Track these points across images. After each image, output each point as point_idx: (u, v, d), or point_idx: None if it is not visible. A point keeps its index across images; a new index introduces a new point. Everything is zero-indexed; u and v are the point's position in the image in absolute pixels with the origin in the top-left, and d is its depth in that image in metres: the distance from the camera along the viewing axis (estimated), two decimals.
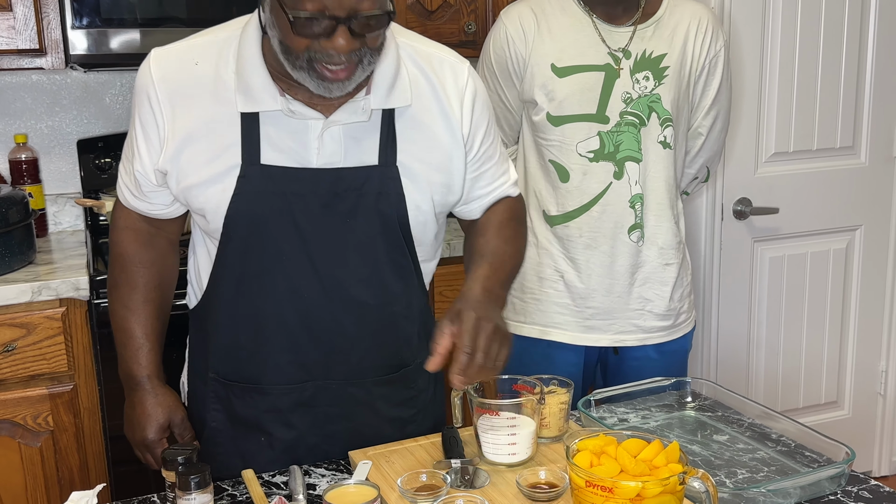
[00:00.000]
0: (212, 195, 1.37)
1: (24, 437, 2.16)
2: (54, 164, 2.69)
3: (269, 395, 1.46)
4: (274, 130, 1.36)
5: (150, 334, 1.51)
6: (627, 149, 1.91)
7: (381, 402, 1.51)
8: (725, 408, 1.60)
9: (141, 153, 1.41)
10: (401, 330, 1.49)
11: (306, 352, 1.44)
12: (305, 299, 1.41)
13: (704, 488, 1.13)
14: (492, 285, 1.39)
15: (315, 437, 1.49)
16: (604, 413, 1.58)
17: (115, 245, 1.54)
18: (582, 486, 1.15)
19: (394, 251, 1.43)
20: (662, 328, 2.01)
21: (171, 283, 1.58)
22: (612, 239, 1.94)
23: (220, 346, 1.47)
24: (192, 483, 1.19)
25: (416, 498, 1.27)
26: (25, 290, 2.11)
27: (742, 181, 2.82)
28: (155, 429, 1.49)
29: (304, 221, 1.38)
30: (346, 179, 1.38)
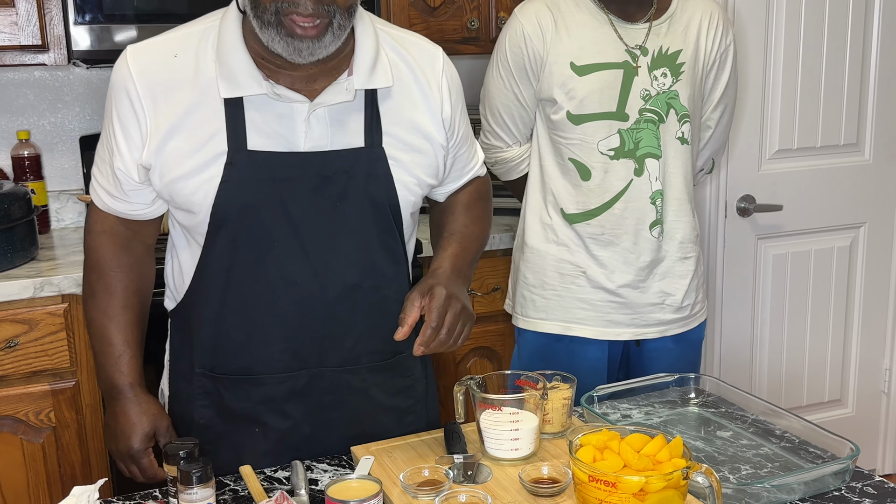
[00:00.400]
0: (198, 185, 1.35)
1: (27, 434, 2.16)
2: (57, 161, 2.69)
3: (263, 386, 1.45)
4: (259, 116, 1.35)
5: (130, 341, 1.47)
6: (647, 145, 1.92)
7: (375, 390, 1.50)
8: (729, 404, 1.59)
9: (121, 150, 1.38)
10: (393, 314, 1.45)
11: (299, 339, 1.43)
12: (298, 286, 1.40)
13: (708, 483, 1.12)
14: (461, 264, 1.48)
15: (310, 426, 1.48)
16: (607, 409, 1.58)
17: (90, 251, 1.49)
18: (585, 481, 1.14)
19: (384, 234, 1.44)
20: (681, 319, 2.03)
21: (148, 289, 1.54)
22: (635, 235, 1.95)
23: (206, 341, 1.45)
24: (194, 477, 1.19)
25: (419, 493, 1.27)
26: (27, 285, 2.11)
27: (746, 178, 2.82)
28: (140, 438, 1.45)
29: (295, 206, 1.37)
30: (334, 162, 1.38)
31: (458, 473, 1.32)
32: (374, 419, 1.50)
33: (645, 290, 1.98)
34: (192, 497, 1.19)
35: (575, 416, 1.53)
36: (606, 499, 1.12)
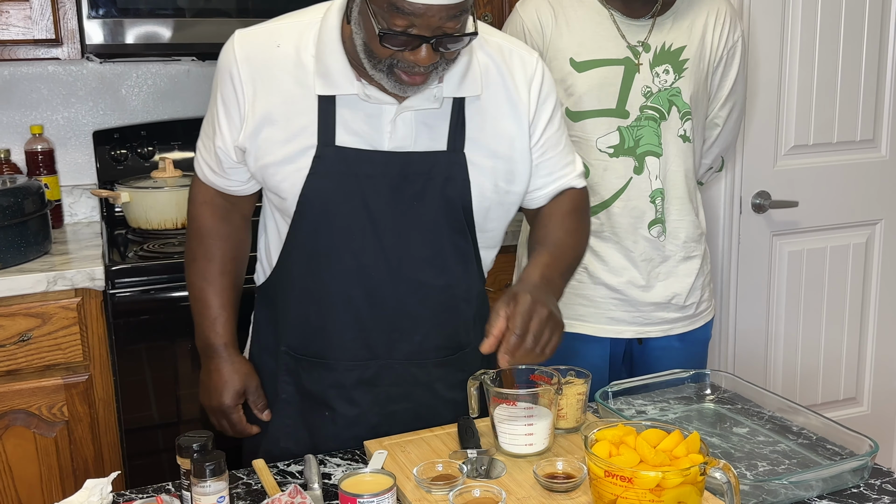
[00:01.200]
0: (287, 174, 1.42)
1: (39, 428, 2.17)
2: (70, 156, 2.69)
3: (334, 371, 1.50)
4: (349, 113, 1.40)
5: (226, 305, 1.57)
6: (648, 143, 1.90)
7: (439, 384, 1.53)
8: (745, 400, 1.58)
9: (223, 130, 1.46)
10: (460, 312, 1.53)
11: (370, 330, 1.47)
12: (372, 278, 1.45)
13: (726, 479, 1.11)
14: (551, 273, 1.42)
15: (377, 417, 1.51)
16: (621, 405, 1.57)
17: (192, 220, 1.60)
18: (600, 476, 1.13)
19: (456, 235, 1.47)
20: (686, 317, 2.00)
21: (244, 258, 1.63)
22: (633, 234, 1.92)
23: (290, 321, 1.52)
24: (208, 470, 1.19)
25: (432, 487, 1.26)
26: (41, 279, 2.11)
27: (761, 174, 2.79)
28: (231, 395, 1.55)
29: (374, 202, 1.42)
30: (415, 163, 1.42)
31: (471, 468, 1.32)
32: (435, 412, 1.53)
33: (647, 289, 1.95)
34: (205, 490, 1.19)
35: (589, 412, 1.51)
36: (622, 494, 1.11)
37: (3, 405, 2.13)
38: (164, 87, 2.75)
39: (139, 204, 2.44)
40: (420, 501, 1.24)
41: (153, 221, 2.44)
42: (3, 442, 2.14)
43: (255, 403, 1.58)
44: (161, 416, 2.25)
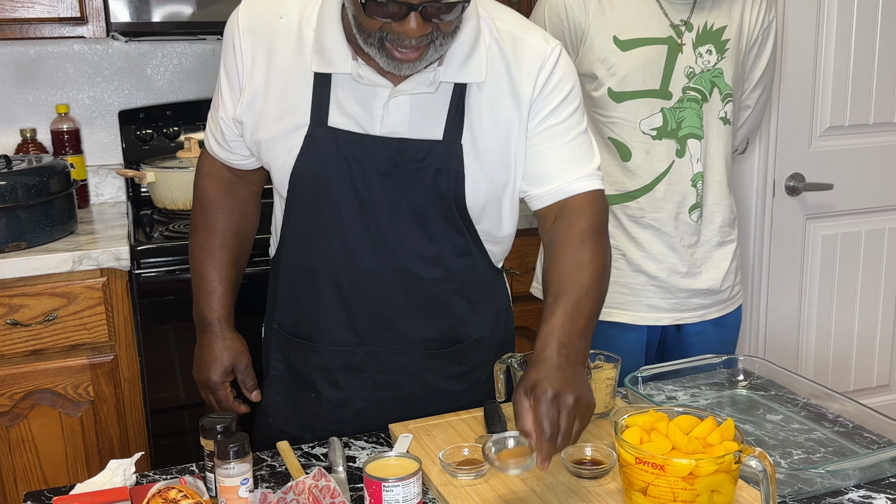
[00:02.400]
0: (279, 152, 1.39)
1: (65, 407, 2.17)
2: (96, 135, 2.68)
3: (319, 354, 1.47)
4: (343, 94, 1.36)
5: (223, 279, 1.55)
6: (689, 125, 1.85)
7: (430, 375, 1.49)
8: (779, 387, 1.54)
9: (224, 101, 1.44)
10: (454, 306, 1.46)
11: (357, 317, 1.44)
12: (358, 265, 1.41)
13: (762, 468, 1.07)
14: (569, 338, 1.24)
15: (363, 402, 1.48)
16: (651, 390, 1.53)
17: (197, 190, 1.58)
18: (631, 464, 1.10)
19: (450, 228, 1.41)
20: (720, 302, 1.97)
21: (249, 233, 1.60)
22: (675, 219, 1.88)
23: (282, 299, 1.50)
24: (231, 452, 1.17)
25: (458, 472, 1.24)
26: (66, 259, 2.11)
27: (795, 156, 2.74)
28: (219, 371, 1.54)
29: (363, 187, 1.37)
30: (407, 150, 1.36)
31: None
32: (426, 402, 1.49)
33: (687, 275, 1.92)
34: (228, 472, 1.17)
35: (618, 398, 1.48)
36: (654, 482, 1.08)
37: (29, 384, 2.13)
38: (190, 67, 2.73)
39: (164, 184, 2.43)
40: (446, 486, 1.22)
41: (178, 202, 2.43)
42: (28, 421, 2.14)
43: (244, 382, 1.56)
44: (187, 397, 2.25)
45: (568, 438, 1.15)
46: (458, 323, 1.48)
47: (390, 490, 1.12)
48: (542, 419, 1.14)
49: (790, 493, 1.21)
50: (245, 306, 1.63)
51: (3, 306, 2.08)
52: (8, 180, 2.12)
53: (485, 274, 1.49)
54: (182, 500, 1.19)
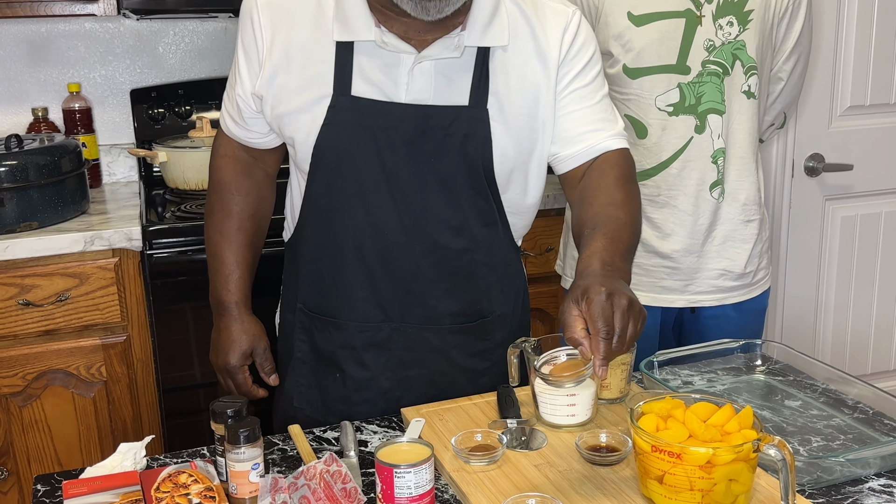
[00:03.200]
0: (302, 124, 1.37)
1: (78, 388, 2.17)
2: (108, 114, 2.67)
3: (344, 331, 1.46)
4: (367, 62, 1.35)
5: (241, 262, 1.54)
6: (710, 100, 1.81)
7: (455, 352, 1.48)
8: (797, 372, 1.51)
9: (242, 77, 1.43)
10: (480, 279, 1.45)
11: (383, 291, 1.42)
12: (385, 236, 1.39)
13: (781, 457, 1.05)
14: (611, 257, 1.23)
15: (388, 381, 1.47)
16: (667, 375, 1.51)
17: (213, 172, 1.56)
18: (647, 451, 1.08)
19: (477, 196, 1.40)
20: (741, 286, 1.93)
21: (265, 215, 1.59)
22: (694, 197, 1.84)
23: (306, 277, 1.48)
24: (242, 437, 1.16)
25: (471, 458, 1.22)
26: (78, 239, 2.10)
27: (815, 136, 2.69)
28: (238, 355, 1.53)
29: (389, 157, 1.36)
30: (433, 118, 1.35)
31: (511, 438, 1.28)
32: (451, 380, 1.48)
33: (702, 255, 1.88)
34: (239, 457, 1.16)
35: (633, 382, 1.46)
36: (670, 470, 1.06)
37: (42, 364, 2.13)
38: (202, 45, 2.71)
39: (176, 164, 2.42)
40: (458, 472, 1.21)
41: (190, 182, 2.41)
42: (41, 401, 2.15)
43: (262, 366, 1.55)
44: (200, 376, 2.24)
45: (624, 339, 1.10)
46: (483, 296, 1.47)
47: (402, 476, 1.10)
48: (598, 319, 1.09)
49: (809, 481, 1.19)
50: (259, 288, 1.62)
51: (16, 286, 2.08)
52: (19, 160, 2.11)
53: (507, 248, 1.48)
54: (192, 484, 1.18)
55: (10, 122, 2.57)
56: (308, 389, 1.52)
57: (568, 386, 1.13)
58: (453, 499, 1.18)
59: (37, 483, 1.24)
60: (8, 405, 2.13)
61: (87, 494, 1.16)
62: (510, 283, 1.50)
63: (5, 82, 2.56)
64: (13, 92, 2.58)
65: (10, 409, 2.13)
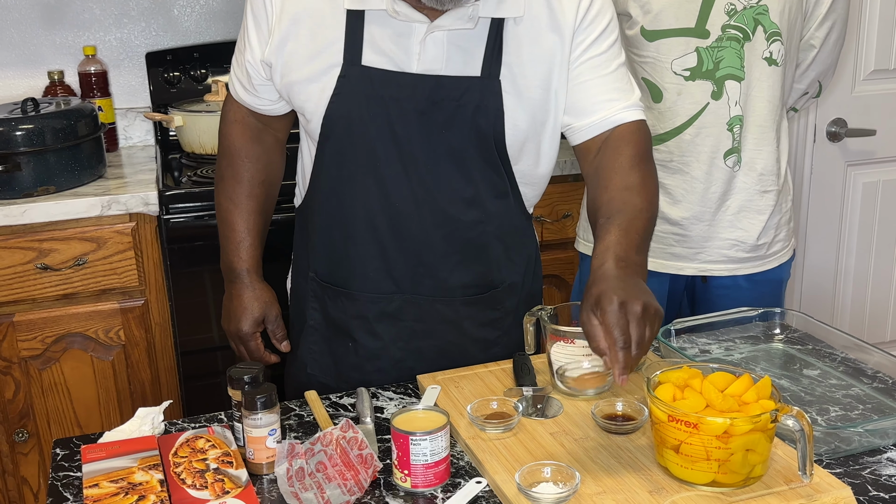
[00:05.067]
0: (312, 94, 1.36)
1: (97, 351, 2.19)
2: (123, 78, 2.66)
3: (356, 301, 1.45)
4: (378, 31, 1.33)
5: (251, 229, 1.53)
6: (729, 66, 1.77)
7: (467, 322, 1.48)
8: (816, 341, 1.50)
9: (252, 43, 1.41)
10: (492, 250, 1.44)
11: (394, 262, 1.42)
12: (396, 207, 1.38)
13: (799, 427, 1.04)
14: (625, 252, 1.22)
15: (400, 351, 1.47)
16: (684, 343, 1.50)
17: (223, 138, 1.55)
18: (663, 421, 1.08)
19: (489, 168, 1.38)
20: (754, 258, 1.89)
21: (275, 181, 1.58)
22: (708, 164, 1.81)
23: (317, 247, 1.48)
24: (259, 403, 1.17)
25: (486, 425, 1.22)
26: (95, 203, 2.10)
27: (837, 100, 2.65)
28: (250, 322, 1.53)
29: (400, 127, 1.34)
30: (445, 88, 1.33)
31: (527, 406, 1.28)
32: (462, 350, 1.48)
33: (714, 224, 1.85)
34: (256, 422, 1.17)
35: (650, 351, 1.45)
36: (687, 440, 1.06)
37: (61, 328, 2.15)
38: (217, 8, 2.68)
39: (192, 128, 2.41)
40: (474, 439, 1.21)
41: (206, 146, 2.41)
42: (61, 364, 2.17)
43: (274, 333, 1.56)
44: (218, 340, 2.25)
45: (642, 346, 1.11)
46: (494, 267, 1.46)
47: (418, 444, 1.11)
48: (613, 329, 1.10)
49: (827, 451, 1.18)
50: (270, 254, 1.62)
51: (33, 250, 2.09)
52: (36, 123, 2.11)
53: (518, 218, 1.47)
54: (210, 449, 1.19)
55: (26, 86, 2.57)
56: (321, 357, 1.52)
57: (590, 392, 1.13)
58: (468, 466, 1.18)
59: (56, 447, 1.25)
60: (27, 368, 2.15)
61: (106, 459, 1.17)
62: (520, 253, 1.49)
63: (21, 45, 2.56)
64: (29, 55, 2.57)
65: (29, 371, 2.15)
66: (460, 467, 1.18)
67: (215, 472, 1.14)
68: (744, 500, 1.05)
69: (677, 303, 1.99)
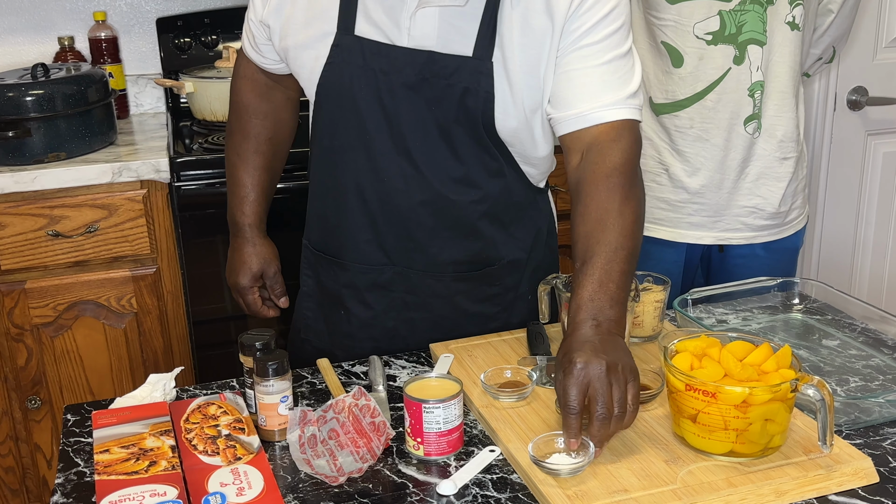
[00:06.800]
0: (306, 60, 1.35)
1: (109, 319, 2.18)
2: (134, 44, 2.63)
3: (348, 271, 1.45)
4: (371, 2, 1.31)
5: (256, 185, 1.54)
6: (751, 30, 1.72)
7: (460, 297, 1.45)
8: (835, 311, 1.48)
9: (255, 2, 1.41)
10: (483, 230, 1.40)
11: (385, 235, 1.40)
12: (385, 182, 1.36)
13: (820, 397, 1.03)
14: (600, 310, 1.13)
15: (392, 321, 1.46)
16: (701, 313, 1.48)
17: (233, 93, 1.56)
18: (681, 390, 1.06)
19: (479, 148, 1.34)
20: (772, 226, 1.86)
21: (284, 139, 1.59)
22: (727, 131, 1.77)
23: (311, 215, 1.49)
24: (270, 369, 1.16)
25: (500, 394, 1.21)
26: (106, 170, 2.09)
27: (858, 68, 2.60)
28: (248, 276, 1.56)
29: (390, 101, 1.32)
30: (436, 64, 1.29)
31: (541, 375, 1.26)
32: (456, 324, 1.45)
33: (733, 192, 1.82)
34: (268, 389, 1.16)
35: (666, 320, 1.44)
36: (704, 409, 1.04)
37: (73, 295, 2.14)
38: None
39: (203, 94, 2.38)
40: (487, 408, 1.19)
41: (217, 113, 2.38)
42: (73, 332, 2.16)
43: (272, 289, 1.58)
44: (230, 309, 2.25)
45: (624, 412, 1.05)
46: (488, 245, 1.42)
47: (431, 412, 1.09)
48: (574, 397, 1.05)
49: (847, 421, 1.16)
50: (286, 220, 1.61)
51: (44, 217, 2.08)
52: (46, 89, 2.09)
53: (522, 195, 1.42)
54: (222, 416, 1.18)
55: (36, 52, 2.55)
56: (315, 322, 1.53)
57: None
58: (482, 434, 1.17)
59: (66, 413, 1.25)
60: (40, 335, 2.15)
61: (117, 425, 1.16)
62: (523, 228, 1.45)
63: (31, 10, 2.53)
64: (38, 20, 2.54)
65: (41, 339, 2.15)
66: (473, 436, 1.17)
67: (227, 438, 1.13)
68: (762, 471, 1.04)
69: (692, 273, 1.96)
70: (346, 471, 1.09)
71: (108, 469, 1.07)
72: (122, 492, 1.02)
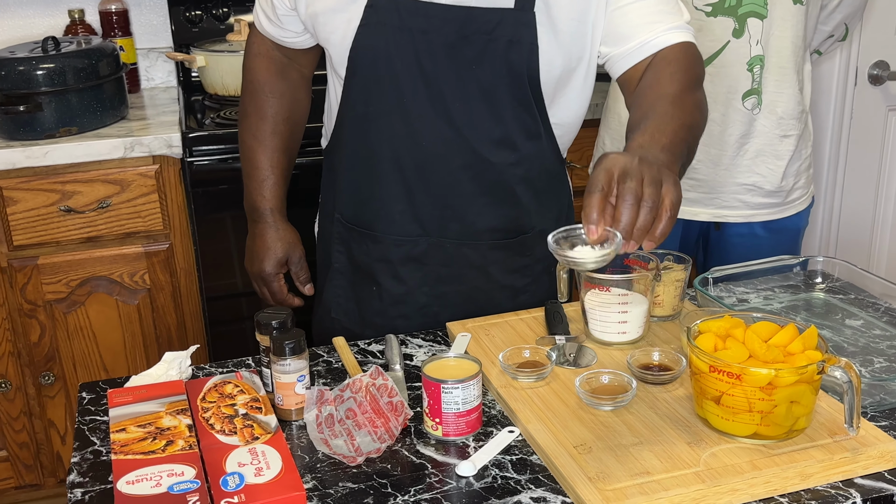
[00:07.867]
0: (338, 25, 1.30)
1: (122, 295, 2.18)
2: (145, 17, 2.61)
3: (381, 244, 1.42)
4: None
5: (275, 167, 1.50)
6: (751, 3, 1.69)
7: (494, 268, 1.43)
8: (859, 290, 1.45)
9: None
10: (522, 194, 1.39)
11: (420, 204, 1.38)
12: (423, 148, 1.33)
13: (847, 378, 1.01)
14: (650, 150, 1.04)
15: (425, 297, 1.44)
16: (721, 292, 1.46)
17: (247, 72, 1.51)
18: (704, 372, 1.04)
19: (520, 108, 1.32)
20: (771, 205, 1.83)
21: (300, 119, 1.55)
22: (725, 105, 1.74)
23: (343, 188, 1.43)
24: (287, 348, 1.14)
25: (518, 374, 1.19)
26: (118, 145, 2.07)
27: (880, 41, 2.55)
28: (273, 263, 1.51)
29: (428, 62, 1.28)
30: (476, 20, 1.26)
31: (559, 355, 1.24)
32: (489, 296, 1.44)
33: (731, 168, 1.78)
34: (284, 368, 1.15)
35: (686, 300, 1.41)
36: (728, 391, 1.02)
37: (85, 271, 2.14)
38: None
39: (215, 68, 2.36)
40: (506, 388, 1.18)
41: (229, 87, 2.36)
42: (86, 308, 2.16)
43: (297, 275, 1.54)
44: (243, 285, 2.23)
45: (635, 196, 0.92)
46: (523, 212, 1.41)
47: (449, 392, 1.08)
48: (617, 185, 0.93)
49: (871, 403, 1.14)
50: (299, 198, 1.58)
51: (56, 192, 2.07)
52: (57, 62, 2.07)
53: (551, 162, 1.41)
54: (238, 395, 1.17)
55: (46, 25, 2.52)
56: (346, 301, 1.49)
57: (606, 407, 1.05)
58: (500, 414, 1.16)
59: (82, 391, 1.24)
60: (52, 311, 2.14)
61: (133, 403, 1.15)
62: (553, 199, 1.45)
63: None
64: None
65: (54, 315, 2.14)
66: (492, 416, 1.15)
67: (244, 417, 1.12)
68: (786, 453, 1.02)
69: (691, 251, 1.94)
70: (365, 451, 1.07)
71: (124, 448, 1.06)
72: (140, 472, 1.01)
